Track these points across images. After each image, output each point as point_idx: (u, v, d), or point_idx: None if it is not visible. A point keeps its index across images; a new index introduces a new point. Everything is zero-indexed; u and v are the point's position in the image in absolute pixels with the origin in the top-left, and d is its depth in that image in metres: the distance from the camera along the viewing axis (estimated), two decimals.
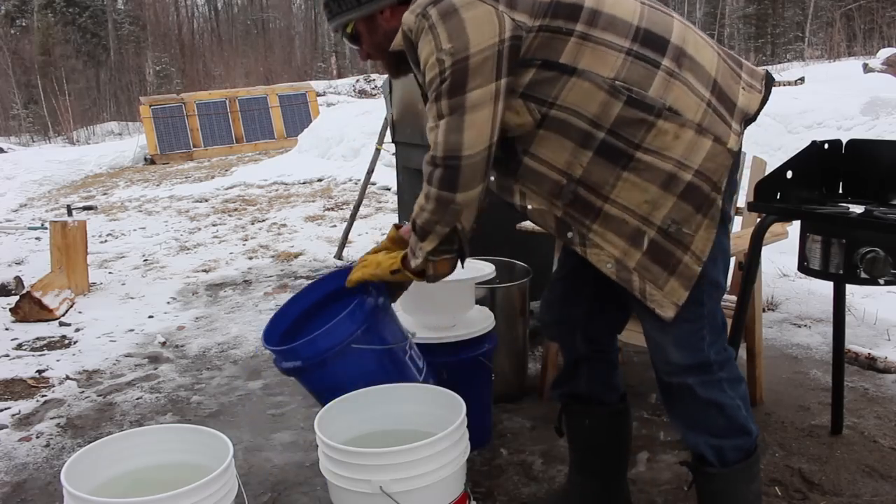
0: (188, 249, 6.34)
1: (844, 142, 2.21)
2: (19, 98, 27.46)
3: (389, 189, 7.70)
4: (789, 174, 2.05)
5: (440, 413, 1.94)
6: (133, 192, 10.38)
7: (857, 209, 1.94)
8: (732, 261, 2.14)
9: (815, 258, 1.96)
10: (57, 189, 11.77)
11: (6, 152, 16.44)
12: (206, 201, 8.93)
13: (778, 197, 2.04)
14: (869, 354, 3.09)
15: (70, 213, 5.60)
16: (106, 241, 6.94)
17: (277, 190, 9.29)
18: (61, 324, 4.26)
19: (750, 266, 2.07)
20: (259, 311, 4.34)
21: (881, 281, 1.84)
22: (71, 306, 4.55)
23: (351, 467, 1.72)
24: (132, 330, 4.12)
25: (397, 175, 4.22)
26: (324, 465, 1.80)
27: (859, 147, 2.19)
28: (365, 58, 1.86)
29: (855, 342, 3.22)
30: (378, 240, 6.05)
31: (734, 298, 2.41)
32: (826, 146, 2.17)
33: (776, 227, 2.30)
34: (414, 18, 1.57)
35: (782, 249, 3.26)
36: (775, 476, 2.30)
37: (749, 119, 1.64)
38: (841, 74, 11.08)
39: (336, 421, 1.95)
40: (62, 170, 13.23)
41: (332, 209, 7.67)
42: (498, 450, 2.53)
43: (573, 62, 1.55)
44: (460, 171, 1.57)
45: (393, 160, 4.52)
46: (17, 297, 4.39)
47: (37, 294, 4.33)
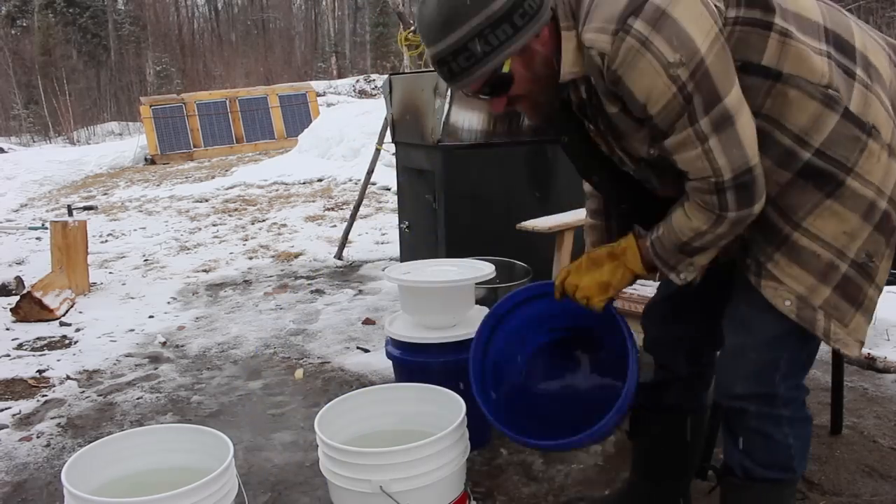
0: (188, 249, 6.34)
1: None
2: (20, 98, 27.47)
3: (389, 189, 7.70)
4: None
5: (440, 413, 1.94)
6: (133, 193, 10.38)
7: None
8: None
9: None
10: (57, 189, 11.78)
11: (7, 152, 16.48)
12: (207, 201, 8.93)
13: None
14: (868, 354, 3.09)
15: (70, 213, 5.61)
16: (106, 241, 6.95)
17: (277, 190, 9.29)
18: (62, 324, 4.26)
19: None
20: (259, 311, 4.34)
21: None
22: (71, 306, 4.55)
23: (351, 467, 1.72)
24: (132, 330, 4.12)
25: (397, 175, 4.22)
26: (324, 465, 1.81)
27: None
28: (503, 108, 1.50)
29: None
30: (378, 239, 6.07)
31: None
32: None
33: None
34: (611, 39, 1.30)
35: None
36: None
37: None
38: None
39: (336, 421, 1.95)
40: (62, 170, 13.24)
41: (333, 209, 7.67)
42: (498, 450, 2.52)
43: (777, 65, 1.35)
44: (755, 183, 1.36)
45: (393, 160, 4.52)
46: (18, 297, 4.39)
47: (37, 294, 4.33)
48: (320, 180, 9.49)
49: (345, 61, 32.29)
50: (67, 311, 4.46)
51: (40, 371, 3.53)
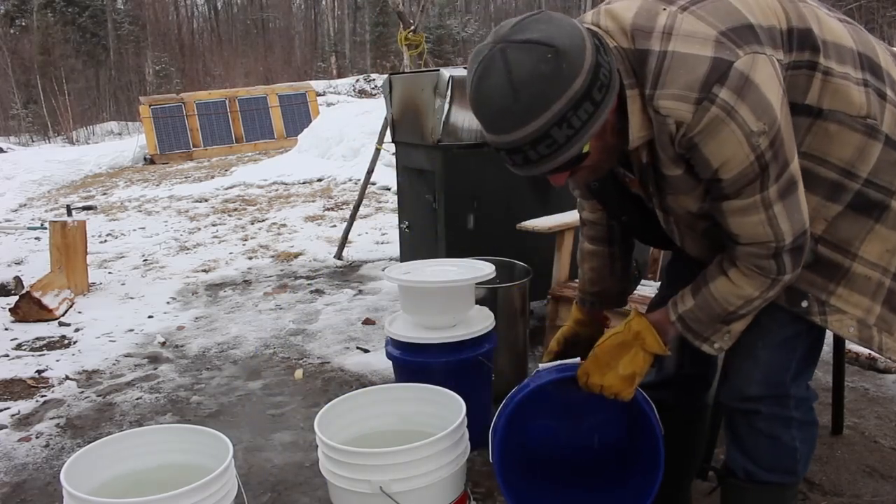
0: (188, 249, 6.34)
1: None
2: (19, 98, 27.45)
3: (389, 189, 7.70)
4: None
5: (440, 413, 1.94)
6: (133, 192, 10.38)
7: None
8: None
9: None
10: (56, 189, 11.77)
11: (6, 152, 16.46)
12: (206, 201, 8.93)
13: None
14: (869, 355, 3.09)
15: (70, 213, 5.59)
16: (105, 241, 6.94)
17: (277, 190, 9.28)
18: (61, 324, 4.25)
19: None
20: (259, 311, 4.34)
21: None
22: (70, 306, 4.55)
23: (351, 467, 1.72)
24: (132, 330, 4.12)
25: (397, 175, 4.21)
26: (324, 465, 1.80)
27: None
28: (564, 182, 1.40)
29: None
30: (378, 239, 6.06)
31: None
32: None
33: None
34: (693, 108, 1.23)
35: None
36: None
37: None
38: None
39: (336, 421, 1.95)
40: (62, 170, 13.24)
41: (332, 209, 7.67)
42: None
43: (818, 102, 1.35)
44: (807, 242, 1.38)
45: (393, 160, 4.52)
46: (17, 297, 4.39)
47: (36, 294, 4.33)
48: (320, 180, 9.49)
49: (344, 61, 32.30)
50: (66, 312, 4.46)
51: (39, 371, 3.53)
